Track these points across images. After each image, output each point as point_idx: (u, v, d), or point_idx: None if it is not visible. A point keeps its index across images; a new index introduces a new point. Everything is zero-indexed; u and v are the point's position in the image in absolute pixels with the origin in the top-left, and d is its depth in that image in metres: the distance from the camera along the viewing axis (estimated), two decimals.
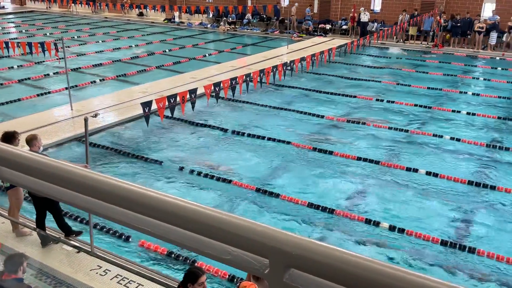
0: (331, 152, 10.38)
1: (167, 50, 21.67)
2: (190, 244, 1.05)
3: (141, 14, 32.47)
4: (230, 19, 28.50)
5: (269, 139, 11.11)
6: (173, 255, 6.66)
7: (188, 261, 6.54)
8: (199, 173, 9.30)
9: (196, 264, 6.32)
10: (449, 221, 7.82)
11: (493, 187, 8.85)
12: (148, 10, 30.90)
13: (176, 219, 1.03)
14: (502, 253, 6.82)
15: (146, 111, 10.78)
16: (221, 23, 28.34)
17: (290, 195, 8.45)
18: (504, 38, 21.75)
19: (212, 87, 13.35)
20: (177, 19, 30.39)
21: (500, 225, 7.67)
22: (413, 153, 10.55)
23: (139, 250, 6.83)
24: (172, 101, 11.71)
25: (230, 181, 8.95)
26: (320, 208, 8.04)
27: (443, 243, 7.09)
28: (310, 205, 8.14)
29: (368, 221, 7.66)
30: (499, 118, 12.90)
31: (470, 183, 9.02)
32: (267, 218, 7.71)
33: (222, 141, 11.13)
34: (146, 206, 1.08)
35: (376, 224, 7.59)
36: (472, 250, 6.91)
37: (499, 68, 18.78)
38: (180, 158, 10.03)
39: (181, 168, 9.51)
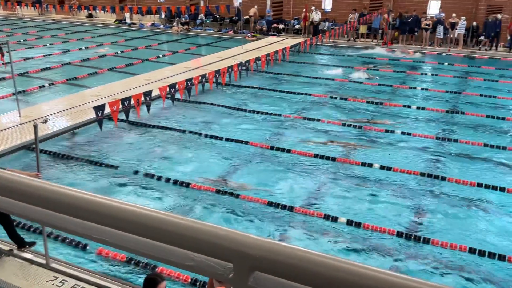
0: (289, 151, 10.47)
1: (119, 52, 21.20)
2: (151, 252, 1.02)
3: (90, 16, 31.57)
4: (183, 19, 28.23)
5: (227, 139, 11.09)
6: (133, 262, 6.52)
7: (149, 267, 6.42)
8: (156, 177, 9.15)
9: (156, 269, 6.21)
10: (403, 213, 8.06)
11: (443, 178, 9.21)
12: (97, 11, 30.08)
13: (134, 227, 1.00)
14: (455, 241, 7.09)
15: (99, 115, 10.50)
16: (174, 23, 28.01)
17: (250, 194, 8.46)
18: (449, 34, 22.65)
19: (167, 89, 13.18)
20: (128, 20, 29.78)
21: (451, 215, 7.98)
22: (367, 148, 10.81)
23: (98, 259, 6.64)
24: (126, 104, 11.47)
25: (188, 184, 8.86)
26: (280, 206, 8.10)
27: (399, 234, 7.31)
28: (270, 203, 8.18)
29: (327, 217, 7.78)
30: (447, 112, 13.43)
31: (422, 174, 9.34)
32: (228, 220, 7.68)
33: (179, 143, 11.00)
34: (102, 215, 1.05)
35: (335, 219, 7.73)
36: (426, 241, 7.16)
37: (446, 63, 19.56)
38: (136, 162, 9.83)
39: (136, 172, 9.32)
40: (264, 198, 8.32)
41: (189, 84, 14.03)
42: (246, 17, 27.11)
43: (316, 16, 25.18)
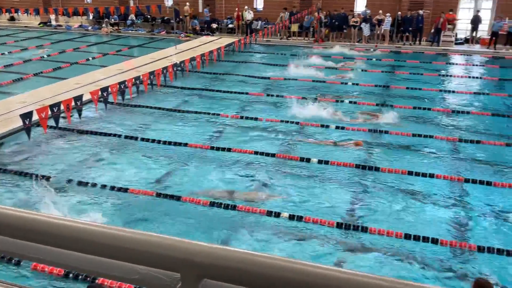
0: (229, 150, 10.47)
1: (45, 56, 20.18)
2: (91, 268, 0.96)
3: (12, 19, 29.78)
4: (113, 20, 27.37)
5: (165, 142, 10.89)
6: (71, 275, 6.23)
7: (89, 278, 6.16)
8: (91, 184, 8.80)
9: (97, 281, 5.98)
10: (341, 204, 8.30)
11: (377, 169, 9.59)
12: (20, 14, 28.37)
13: (70, 243, 0.94)
14: (391, 228, 7.41)
15: (27, 123, 9.96)
16: (103, 25, 27.09)
17: (192, 196, 8.37)
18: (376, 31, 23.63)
19: (100, 92, 12.75)
20: (54, 22, 28.43)
21: (386, 202, 8.32)
22: (305, 143, 11.04)
23: (33, 274, 6.28)
24: (55, 110, 10.96)
25: (126, 190, 8.61)
26: (222, 205, 8.08)
27: (339, 225, 7.53)
28: (212, 204, 8.14)
29: (269, 213, 7.86)
30: (377, 104, 13.99)
31: (357, 166, 9.68)
32: (171, 225, 7.54)
33: (115, 148, 10.66)
34: (35, 232, 0.97)
35: (277, 215, 7.82)
36: (364, 229, 7.42)
37: (374, 59, 20.38)
38: (70, 170, 9.41)
39: (70, 181, 8.92)
40: (206, 199, 8.26)
41: (122, 87, 13.64)
42: (180, 16, 26.78)
43: (248, 15, 25.36)
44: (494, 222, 7.74)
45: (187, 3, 26.40)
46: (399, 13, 22.96)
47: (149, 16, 27.59)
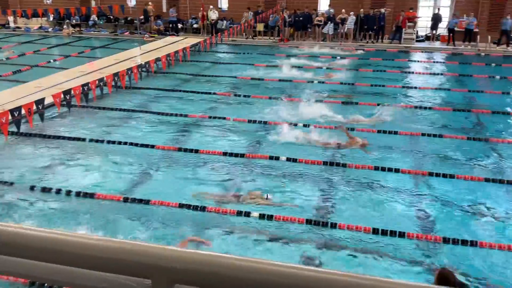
0: (197, 151, 10.40)
1: (4, 59, 19.51)
2: (57, 278, 0.93)
3: None
4: (74, 21, 26.73)
5: (131, 144, 10.71)
6: (36, 283, 6.05)
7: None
8: (55, 190, 8.57)
9: None
10: (311, 201, 8.38)
11: (344, 165, 9.73)
12: None
13: (35, 252, 0.90)
14: (360, 223, 7.53)
15: None
16: (64, 26, 26.42)
17: (162, 199, 8.26)
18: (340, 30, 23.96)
19: (62, 95, 12.44)
20: (12, 24, 27.51)
21: (354, 199, 8.45)
22: (274, 142, 11.08)
23: None
24: (16, 115, 10.63)
25: (92, 195, 8.42)
26: (192, 207, 8.02)
27: (308, 222, 7.59)
28: (181, 205, 8.07)
29: (239, 213, 7.85)
30: (343, 103, 14.19)
31: (325, 163, 9.79)
32: (141, 230, 7.41)
33: (80, 152, 10.41)
34: None
35: (247, 214, 7.82)
36: (333, 225, 7.52)
37: (338, 57, 20.64)
38: (33, 176, 9.13)
39: (33, 187, 8.65)
40: (175, 201, 8.17)
41: (85, 89, 13.35)
42: (142, 17, 26.41)
43: (213, 15, 25.26)
44: (457, 213, 7.98)
45: (150, 3, 26.06)
46: (362, 10, 23.35)
47: (111, 17, 27.09)
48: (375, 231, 7.33)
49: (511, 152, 10.48)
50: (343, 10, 23.42)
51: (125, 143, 10.74)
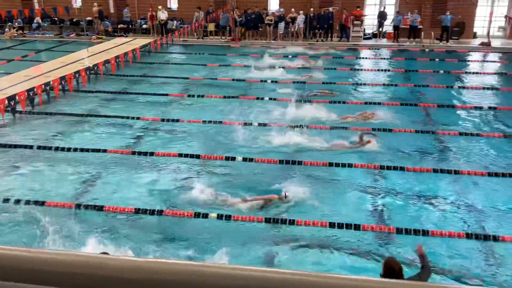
0: (152, 154, 10.23)
1: None
2: None
3: None
4: (17, 24, 25.58)
5: (82, 150, 10.39)
6: None
7: None
8: (3, 200, 8.18)
9: None
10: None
11: (300, 162, 9.85)
12: None
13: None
14: (316, 219, 7.65)
15: None
16: (6, 29, 25.24)
17: (116, 204, 8.07)
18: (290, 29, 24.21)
19: (6, 101, 11.90)
20: None
21: (311, 195, 8.55)
22: (229, 142, 11.07)
23: None
24: None
25: (43, 203, 8.10)
26: (148, 211, 7.88)
27: (267, 220, 7.63)
28: (138, 210, 7.91)
29: (197, 215, 7.79)
30: (296, 101, 14.34)
31: (281, 162, 9.88)
32: (93, 237, 7.19)
33: (28, 160, 9.98)
34: None
35: (205, 216, 7.77)
36: (292, 222, 7.60)
37: (290, 56, 20.85)
38: None
39: None
40: (131, 206, 8.01)
41: (31, 94, 12.83)
42: (89, 18, 25.67)
43: (162, 15, 24.90)
44: (409, 204, 8.26)
45: (95, 4, 25.34)
46: (312, 10, 23.72)
47: (56, 19, 26.15)
48: (331, 225, 7.47)
49: (457, 143, 10.96)
50: (293, 9, 23.71)
51: (75, 149, 10.41)
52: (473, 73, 18.10)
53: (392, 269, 4.51)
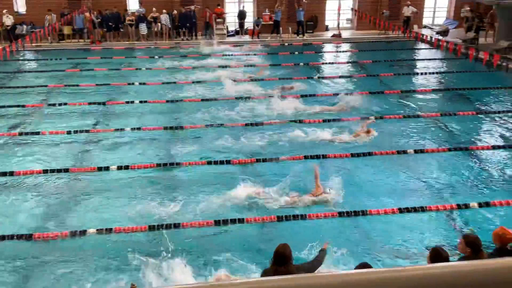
0: (11, 173, 9.23)
1: None
2: None
3: None
4: None
5: None
6: None
7: None
8: None
9: None
10: (151, 207, 8.14)
11: (178, 164, 9.71)
12: None
13: None
14: (200, 219, 7.62)
15: None
16: None
17: None
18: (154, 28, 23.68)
19: None
20: None
21: (185, 195, 8.49)
22: (101, 152, 10.48)
23: None
24: None
25: None
26: (6, 237, 7.12)
27: (151, 228, 7.39)
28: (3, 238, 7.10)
29: (73, 234, 7.25)
30: (167, 101, 14.10)
31: (158, 165, 9.64)
32: None
33: None
34: None
35: (83, 233, 7.27)
36: (176, 226, 7.46)
37: (156, 56, 20.37)
38: None
39: None
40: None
41: None
42: None
43: (8, 20, 22.55)
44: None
45: None
46: (175, 11, 23.48)
47: None
48: (216, 223, 7.49)
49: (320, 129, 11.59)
50: (154, 9, 23.22)
51: None
52: (329, 63, 19.54)
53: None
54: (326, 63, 19.57)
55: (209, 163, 9.73)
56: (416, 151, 10.18)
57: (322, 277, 1.18)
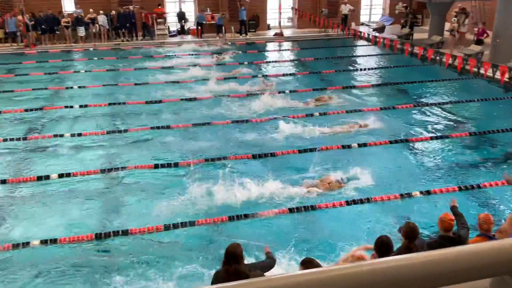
0: None
1: None
2: None
3: None
4: None
5: None
6: None
7: None
8: None
9: None
10: (96, 213, 7.90)
11: (123, 168, 9.44)
12: None
13: None
14: (151, 224, 7.47)
15: None
16: None
17: None
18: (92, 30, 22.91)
19: None
20: None
21: (142, 200, 8.30)
22: (40, 160, 10.02)
23: None
24: None
25: None
26: None
27: (98, 236, 7.16)
28: None
29: (16, 246, 6.89)
30: (109, 104, 13.70)
31: (103, 171, 9.34)
32: None
33: None
34: None
35: (25, 245, 6.93)
36: (125, 232, 7.26)
37: (95, 58, 19.77)
38: None
39: None
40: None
41: None
42: None
43: None
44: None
45: None
46: (113, 12, 22.83)
47: None
48: (167, 228, 7.38)
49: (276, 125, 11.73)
50: (91, 10, 22.45)
51: None
52: (273, 61, 19.72)
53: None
54: (269, 62, 19.68)
55: (156, 166, 9.55)
56: (359, 145, 10.49)
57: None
